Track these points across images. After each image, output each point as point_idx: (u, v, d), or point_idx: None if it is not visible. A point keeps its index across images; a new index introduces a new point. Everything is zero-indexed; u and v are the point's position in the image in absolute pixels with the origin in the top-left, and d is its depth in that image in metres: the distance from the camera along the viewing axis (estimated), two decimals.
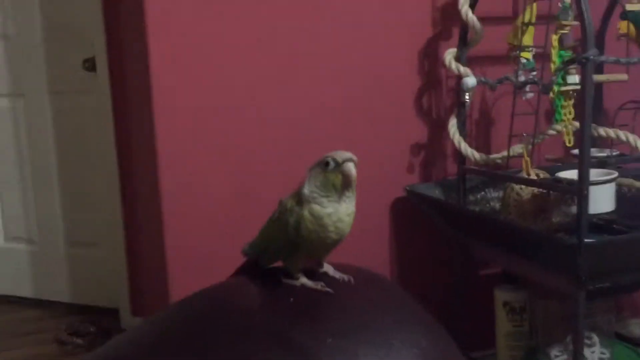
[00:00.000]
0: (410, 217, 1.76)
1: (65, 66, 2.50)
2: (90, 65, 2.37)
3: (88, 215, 2.57)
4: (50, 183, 2.63)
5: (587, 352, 1.46)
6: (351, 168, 0.85)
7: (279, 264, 0.87)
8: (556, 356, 1.51)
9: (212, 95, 1.58)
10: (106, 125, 2.34)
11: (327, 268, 0.86)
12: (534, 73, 1.52)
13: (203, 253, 1.59)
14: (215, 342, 0.61)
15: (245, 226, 1.58)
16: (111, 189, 2.38)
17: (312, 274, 0.85)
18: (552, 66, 1.45)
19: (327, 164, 0.85)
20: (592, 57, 1.24)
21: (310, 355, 0.57)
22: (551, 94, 1.49)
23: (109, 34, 2.26)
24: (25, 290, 2.76)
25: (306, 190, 0.85)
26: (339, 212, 0.83)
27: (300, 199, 0.85)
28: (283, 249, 0.84)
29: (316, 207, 0.83)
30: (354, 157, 0.87)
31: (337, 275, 0.85)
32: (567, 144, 1.52)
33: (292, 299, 0.74)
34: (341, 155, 0.86)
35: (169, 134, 1.56)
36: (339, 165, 0.85)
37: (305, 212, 0.83)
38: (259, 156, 1.63)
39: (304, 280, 0.82)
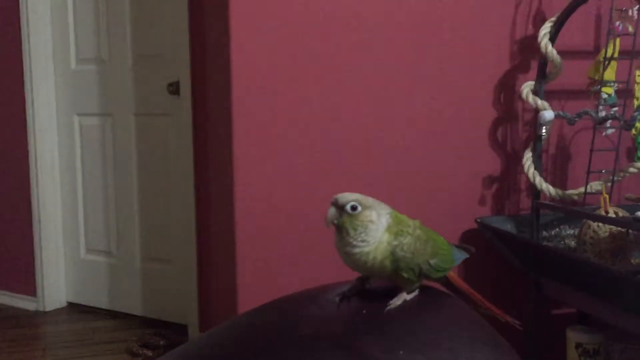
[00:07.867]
0: (480, 250, 1.73)
1: (151, 89, 2.64)
2: (174, 89, 2.49)
3: (164, 232, 2.67)
4: (130, 199, 2.76)
5: None
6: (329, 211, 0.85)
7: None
8: None
9: (292, 124, 1.63)
10: (186, 147, 2.44)
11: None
12: (616, 109, 1.48)
13: (273, 275, 1.63)
14: (283, 353, 0.62)
15: (314, 250, 1.61)
16: (187, 208, 2.47)
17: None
18: (635, 102, 1.41)
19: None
20: None
21: None
22: (633, 131, 1.45)
23: (194, 61, 2.37)
24: (101, 301, 2.88)
25: None
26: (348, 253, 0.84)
27: None
28: None
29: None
30: (337, 198, 0.86)
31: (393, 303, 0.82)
32: None
33: (364, 311, 0.75)
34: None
35: (246, 159, 1.62)
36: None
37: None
38: (331, 181, 1.66)
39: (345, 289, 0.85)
